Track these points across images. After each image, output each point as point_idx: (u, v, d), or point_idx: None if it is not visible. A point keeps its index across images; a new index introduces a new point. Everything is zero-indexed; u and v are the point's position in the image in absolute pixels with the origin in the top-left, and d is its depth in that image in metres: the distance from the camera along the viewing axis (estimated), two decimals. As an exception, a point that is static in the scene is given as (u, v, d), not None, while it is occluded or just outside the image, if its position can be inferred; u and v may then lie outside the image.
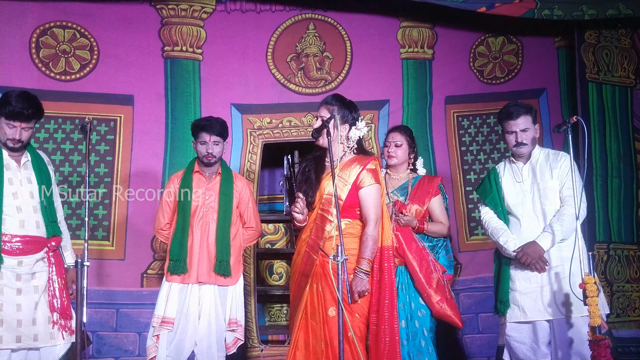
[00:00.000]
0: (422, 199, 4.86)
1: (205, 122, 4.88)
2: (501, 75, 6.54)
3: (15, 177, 4.21)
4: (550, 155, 4.55)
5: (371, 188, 4.08)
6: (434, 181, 4.97)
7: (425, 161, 5.28)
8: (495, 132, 6.47)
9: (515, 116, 4.45)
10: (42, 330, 4.18)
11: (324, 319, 3.99)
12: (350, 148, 4.18)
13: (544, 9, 6.03)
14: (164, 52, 6.01)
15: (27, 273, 4.17)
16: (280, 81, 6.21)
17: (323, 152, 4.17)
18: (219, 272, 4.79)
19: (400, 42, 6.38)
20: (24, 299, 4.15)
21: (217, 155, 4.86)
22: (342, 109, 4.14)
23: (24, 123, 4.14)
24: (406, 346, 4.53)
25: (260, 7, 6.19)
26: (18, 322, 4.11)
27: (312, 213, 4.16)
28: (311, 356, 4.03)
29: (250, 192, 5.07)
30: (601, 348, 3.91)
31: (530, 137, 4.48)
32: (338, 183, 3.97)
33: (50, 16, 5.79)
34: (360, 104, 6.15)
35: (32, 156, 4.33)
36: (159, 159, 5.85)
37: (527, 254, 4.31)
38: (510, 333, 4.52)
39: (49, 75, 5.76)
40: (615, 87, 6.45)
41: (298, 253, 4.23)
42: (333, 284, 3.83)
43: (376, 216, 4.07)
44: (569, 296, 4.20)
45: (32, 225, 4.19)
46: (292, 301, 4.30)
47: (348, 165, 4.11)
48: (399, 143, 4.91)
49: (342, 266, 3.70)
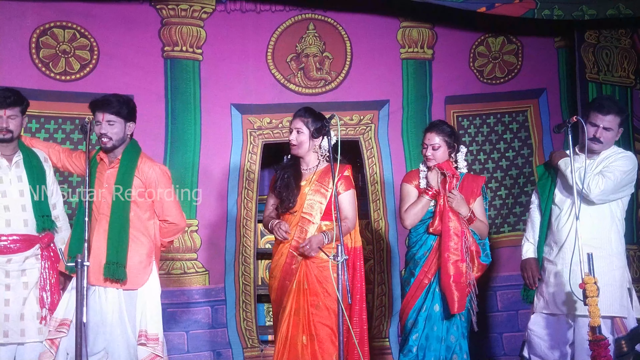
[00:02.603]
0: (466, 199, 4.68)
1: (100, 99, 4.27)
2: (501, 75, 6.54)
3: (5, 176, 4.24)
4: (614, 155, 4.50)
5: (348, 193, 4.51)
6: (478, 181, 4.79)
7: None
8: (495, 132, 6.47)
9: (605, 112, 4.35)
10: (30, 326, 4.21)
11: (308, 315, 4.33)
12: (323, 156, 4.55)
13: (544, 9, 6.03)
14: (164, 52, 6.01)
15: (17, 270, 4.20)
16: (280, 81, 6.21)
17: (297, 160, 4.57)
18: (109, 276, 4.11)
19: (400, 42, 6.38)
20: (12, 294, 4.18)
21: (115, 138, 4.22)
22: (315, 121, 4.47)
23: (8, 110, 4.18)
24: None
25: (260, 7, 6.19)
26: (5, 316, 4.16)
27: (292, 217, 4.49)
28: (295, 350, 4.33)
29: (165, 180, 4.34)
30: (601, 348, 3.92)
31: (609, 137, 4.41)
32: (320, 190, 4.44)
33: (50, 16, 5.79)
34: (360, 104, 6.25)
35: (25, 154, 4.34)
36: (158, 159, 5.84)
37: (524, 270, 4.64)
38: (532, 327, 4.54)
39: (49, 75, 5.75)
40: (615, 87, 6.46)
41: (281, 254, 4.50)
42: (326, 284, 4.33)
43: (353, 216, 4.51)
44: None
45: (19, 224, 4.21)
46: (276, 299, 4.53)
47: (325, 173, 4.48)
48: (437, 146, 4.65)
49: (342, 266, 3.89)
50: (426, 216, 4.72)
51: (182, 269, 5.90)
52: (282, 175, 4.55)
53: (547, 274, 4.56)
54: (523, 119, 6.54)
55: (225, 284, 5.94)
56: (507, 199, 6.42)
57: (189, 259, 5.93)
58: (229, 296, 5.94)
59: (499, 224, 6.33)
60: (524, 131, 6.53)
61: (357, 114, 6.25)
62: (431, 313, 4.60)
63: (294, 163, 4.61)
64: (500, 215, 6.35)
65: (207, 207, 5.96)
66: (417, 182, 4.79)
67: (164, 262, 5.84)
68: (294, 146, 4.52)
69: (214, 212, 5.97)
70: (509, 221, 6.39)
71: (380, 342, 6.14)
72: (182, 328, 5.84)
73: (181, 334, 5.84)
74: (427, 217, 4.71)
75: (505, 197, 6.41)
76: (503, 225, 6.36)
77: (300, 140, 4.48)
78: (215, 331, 5.92)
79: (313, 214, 4.45)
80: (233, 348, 5.86)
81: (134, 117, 4.34)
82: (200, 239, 5.95)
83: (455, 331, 4.59)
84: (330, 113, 4.43)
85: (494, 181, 6.39)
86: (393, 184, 6.17)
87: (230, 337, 5.89)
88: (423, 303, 4.62)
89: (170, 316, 5.78)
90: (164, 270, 5.83)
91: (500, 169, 6.45)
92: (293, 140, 4.51)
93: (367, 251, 6.54)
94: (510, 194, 6.43)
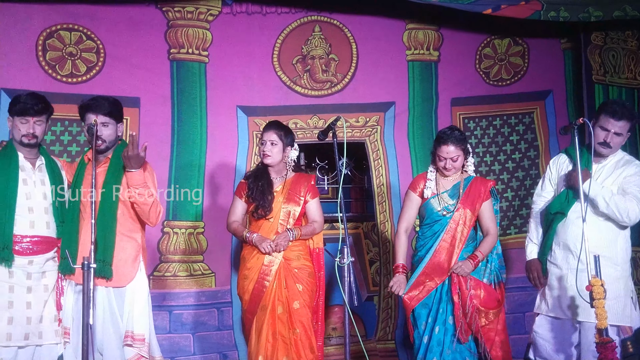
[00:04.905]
0: (473, 203, 4.66)
1: (91, 101, 4.31)
2: (507, 77, 6.54)
3: (29, 179, 4.28)
4: (622, 161, 4.50)
5: (315, 201, 4.89)
6: (487, 184, 4.76)
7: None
8: (501, 134, 6.47)
9: (618, 117, 4.33)
10: (48, 328, 4.24)
11: (290, 311, 4.65)
12: (290, 166, 4.90)
13: (550, 10, 6.01)
14: (170, 54, 6.02)
15: (38, 272, 4.24)
16: (286, 83, 6.21)
17: (266, 169, 4.85)
18: (95, 274, 3.92)
19: (406, 44, 6.38)
20: (34, 297, 4.22)
21: (108, 139, 4.29)
22: (287, 134, 4.84)
23: (36, 117, 4.24)
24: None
25: (266, 9, 6.19)
26: (27, 319, 4.19)
27: (267, 222, 4.78)
28: (285, 344, 4.64)
29: (150, 179, 4.37)
30: (608, 350, 3.91)
31: (618, 142, 4.41)
32: (294, 198, 4.79)
33: (57, 19, 5.80)
34: (366, 106, 6.25)
35: (47, 159, 4.40)
36: (165, 161, 5.86)
37: (529, 271, 4.64)
38: (537, 329, 4.54)
39: (55, 77, 5.77)
40: (621, 89, 6.45)
41: (257, 257, 4.73)
42: (301, 282, 4.70)
43: (322, 219, 4.92)
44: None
45: (42, 226, 4.25)
46: (253, 298, 4.71)
47: (296, 182, 4.86)
48: (455, 157, 4.62)
49: (348, 268, 3.96)
50: (433, 219, 4.71)
51: (189, 271, 5.90)
52: (257, 184, 4.81)
53: (551, 277, 4.54)
54: (529, 120, 6.53)
55: (231, 286, 5.93)
56: (514, 201, 6.41)
57: (195, 261, 5.93)
58: (235, 298, 5.91)
59: (506, 226, 6.32)
60: (530, 133, 6.52)
61: (363, 116, 6.25)
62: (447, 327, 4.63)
63: (265, 172, 4.86)
64: (506, 217, 6.34)
65: (213, 209, 5.96)
66: (421, 187, 4.78)
67: (170, 264, 5.85)
68: (267, 156, 4.80)
69: (220, 214, 5.96)
70: (515, 223, 6.38)
71: (386, 344, 6.14)
72: (189, 330, 5.84)
73: (187, 336, 5.84)
74: (434, 220, 4.71)
75: (511, 199, 6.40)
76: (509, 227, 6.35)
77: (274, 152, 4.79)
78: (222, 333, 5.92)
79: (288, 220, 4.78)
80: (239, 350, 5.86)
81: (122, 118, 4.46)
82: (206, 241, 5.95)
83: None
84: (336, 115, 4.42)
85: (501, 183, 6.38)
86: (399, 186, 6.16)
87: (236, 339, 5.89)
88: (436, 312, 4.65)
89: (177, 318, 5.79)
90: (170, 273, 5.84)
91: (506, 170, 6.44)
92: (268, 151, 4.79)
93: (373, 253, 6.54)
94: (516, 195, 6.42)
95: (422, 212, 4.80)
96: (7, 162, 4.25)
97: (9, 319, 4.14)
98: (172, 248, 5.88)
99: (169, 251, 5.87)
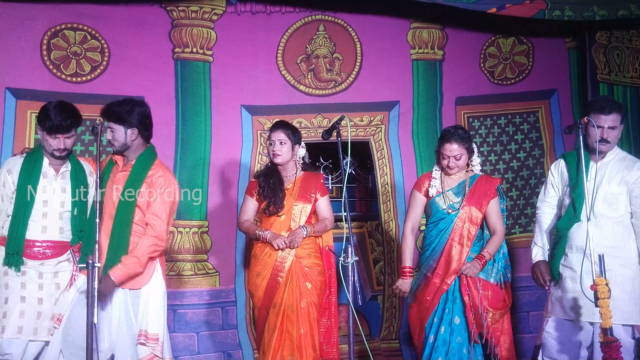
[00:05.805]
0: (479, 202, 4.66)
1: (104, 107, 4.36)
2: (512, 76, 6.53)
3: (49, 185, 4.33)
4: (627, 160, 4.50)
5: (325, 198, 4.98)
6: (493, 183, 4.77)
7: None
8: (506, 133, 6.46)
9: (608, 111, 4.35)
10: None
11: (297, 309, 4.74)
12: (299, 165, 4.99)
13: (554, 9, 6.00)
14: (175, 53, 6.02)
15: (50, 272, 4.30)
16: (290, 82, 6.21)
17: (276, 168, 4.94)
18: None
19: (411, 43, 6.37)
20: (45, 294, 4.28)
21: (117, 144, 4.30)
22: (294, 133, 4.94)
23: (66, 133, 4.27)
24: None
25: (270, 8, 6.19)
26: (38, 314, 4.25)
27: (279, 220, 4.87)
28: (291, 342, 4.74)
29: (168, 190, 4.37)
30: (612, 350, 3.90)
31: (614, 136, 4.42)
32: (305, 195, 4.87)
33: (61, 18, 5.81)
34: (371, 105, 6.24)
35: (73, 166, 4.42)
36: (169, 160, 5.86)
37: (534, 273, 4.63)
38: (548, 329, 4.52)
39: (60, 77, 5.78)
40: (626, 88, 6.43)
41: (269, 254, 4.82)
42: (310, 280, 4.79)
43: (332, 217, 5.00)
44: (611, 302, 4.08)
45: (54, 231, 4.30)
46: (267, 294, 4.80)
47: (306, 180, 4.95)
48: (458, 156, 4.63)
49: (353, 267, 3.97)
50: (439, 217, 4.71)
51: (193, 270, 5.91)
52: (268, 181, 4.90)
53: (565, 280, 4.50)
54: (534, 119, 6.52)
55: (236, 286, 5.95)
56: (519, 200, 6.40)
57: (200, 260, 5.94)
58: (240, 297, 5.95)
59: (511, 225, 6.31)
60: (535, 132, 6.51)
61: (368, 115, 6.25)
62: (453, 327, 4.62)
63: (275, 170, 4.95)
64: (511, 217, 6.33)
65: (217, 208, 5.97)
66: (426, 186, 4.78)
67: (175, 264, 5.86)
68: (278, 155, 4.88)
69: (224, 213, 5.98)
70: (520, 222, 6.37)
71: (390, 343, 6.13)
72: (193, 329, 5.85)
73: (192, 335, 5.85)
74: (439, 218, 4.71)
75: (516, 198, 6.39)
76: (514, 227, 6.35)
77: (283, 150, 4.88)
78: (226, 332, 5.93)
79: (300, 217, 4.86)
80: (243, 349, 5.87)
81: (136, 124, 4.30)
82: (210, 241, 5.96)
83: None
84: (341, 114, 4.42)
85: (505, 182, 6.37)
86: (404, 185, 6.16)
87: (240, 339, 5.90)
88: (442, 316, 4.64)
89: (181, 317, 5.80)
90: (174, 272, 5.84)
91: (511, 170, 6.43)
92: (277, 150, 4.87)
93: (377, 253, 6.54)
94: (521, 195, 6.41)
95: (428, 211, 4.81)
96: (30, 168, 4.31)
97: (21, 312, 4.21)
98: (176, 247, 5.89)
99: (174, 250, 5.87)
